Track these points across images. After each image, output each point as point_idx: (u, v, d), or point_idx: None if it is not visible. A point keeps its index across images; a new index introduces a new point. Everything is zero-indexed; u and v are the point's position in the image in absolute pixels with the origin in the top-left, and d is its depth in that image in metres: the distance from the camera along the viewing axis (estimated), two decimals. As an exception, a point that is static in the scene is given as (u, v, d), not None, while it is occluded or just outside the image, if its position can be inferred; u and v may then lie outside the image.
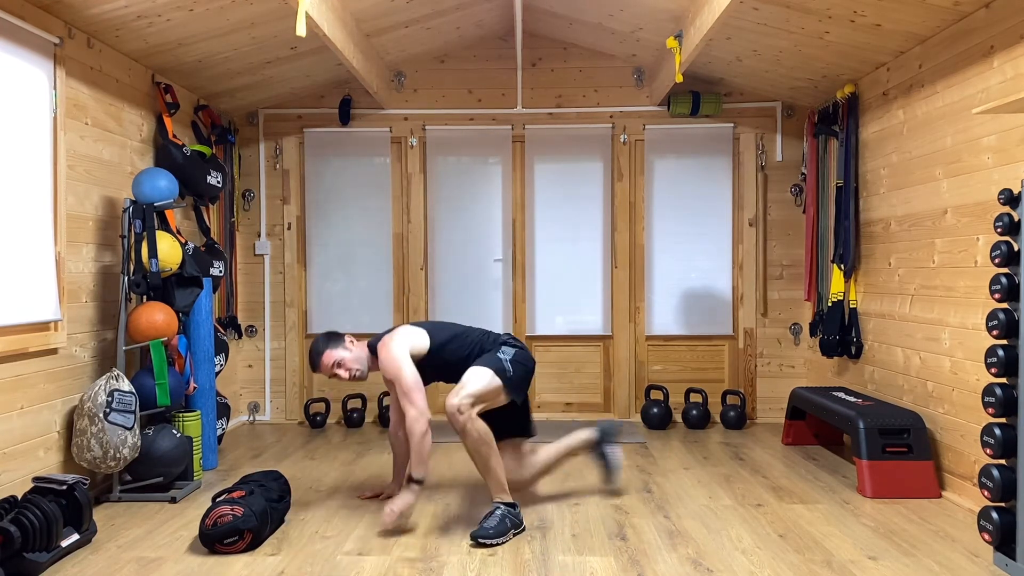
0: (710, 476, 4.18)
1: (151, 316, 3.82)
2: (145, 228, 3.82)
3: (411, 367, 3.30)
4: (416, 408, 3.22)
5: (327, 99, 5.75)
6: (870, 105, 4.65)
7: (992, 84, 3.42)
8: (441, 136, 5.76)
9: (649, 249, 5.73)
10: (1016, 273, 2.82)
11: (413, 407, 3.22)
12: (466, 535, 3.24)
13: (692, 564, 2.93)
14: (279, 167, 5.77)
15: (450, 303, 5.76)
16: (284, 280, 5.77)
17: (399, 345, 3.37)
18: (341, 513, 3.57)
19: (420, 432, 3.19)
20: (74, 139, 3.70)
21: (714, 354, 5.74)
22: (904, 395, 4.19)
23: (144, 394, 3.77)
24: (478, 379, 3.29)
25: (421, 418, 3.20)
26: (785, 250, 5.67)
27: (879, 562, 2.94)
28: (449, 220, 5.78)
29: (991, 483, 2.82)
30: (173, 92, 4.58)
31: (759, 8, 3.94)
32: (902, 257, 4.25)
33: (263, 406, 5.79)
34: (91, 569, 2.91)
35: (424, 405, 3.24)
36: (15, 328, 3.27)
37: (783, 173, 5.67)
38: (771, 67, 4.90)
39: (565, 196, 5.76)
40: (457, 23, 5.24)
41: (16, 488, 3.27)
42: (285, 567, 2.92)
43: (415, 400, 3.23)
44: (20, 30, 3.29)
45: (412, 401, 3.23)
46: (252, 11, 3.93)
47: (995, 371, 2.84)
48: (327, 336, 3.53)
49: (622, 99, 5.74)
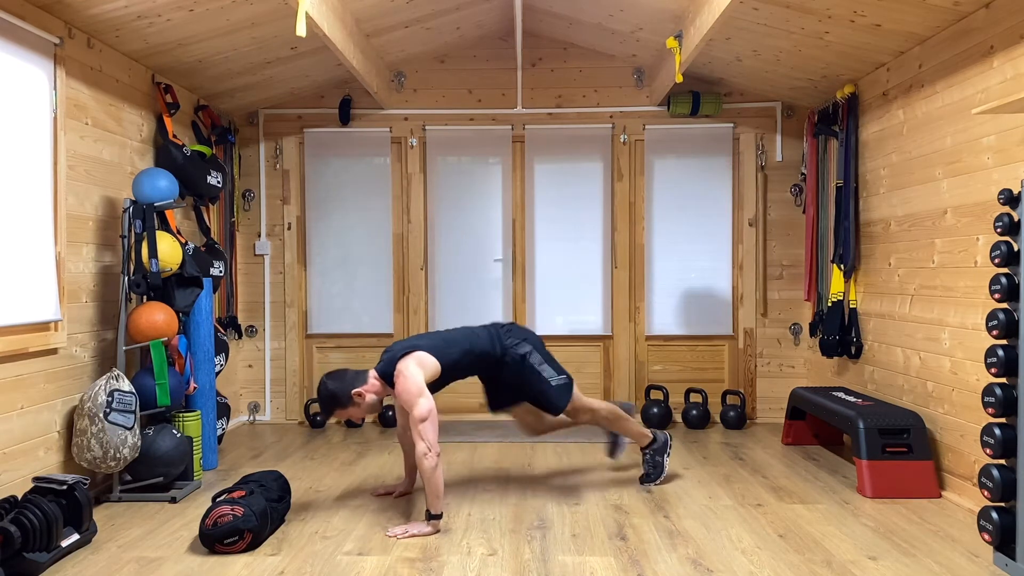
0: (710, 476, 4.18)
1: (151, 316, 3.82)
2: (145, 228, 3.82)
3: (427, 399, 3.25)
4: (426, 442, 3.18)
5: (327, 99, 5.75)
6: (870, 105, 4.65)
7: (992, 84, 3.42)
8: (441, 136, 5.76)
9: (649, 249, 5.73)
10: (1016, 273, 2.82)
11: (423, 441, 3.19)
12: (465, 535, 3.25)
13: (692, 564, 2.93)
14: (279, 167, 5.77)
15: (450, 303, 5.77)
16: (284, 280, 5.77)
17: (416, 374, 3.31)
18: (341, 513, 3.57)
19: (430, 468, 3.18)
20: (74, 139, 3.70)
21: (714, 354, 5.74)
22: (904, 395, 4.20)
23: (144, 394, 3.77)
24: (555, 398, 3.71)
25: (431, 454, 3.18)
26: (785, 250, 5.68)
27: (879, 562, 2.94)
28: (449, 220, 5.78)
29: (991, 483, 2.82)
30: (173, 92, 4.58)
31: (759, 8, 3.94)
32: (902, 257, 4.25)
33: (263, 406, 5.79)
34: (91, 569, 2.91)
35: (434, 438, 3.20)
36: (15, 328, 3.27)
37: (783, 173, 5.67)
38: (771, 67, 4.90)
39: (565, 196, 5.76)
40: (457, 23, 5.24)
41: (16, 488, 3.27)
42: (285, 567, 2.92)
43: (425, 434, 3.19)
44: (20, 30, 3.29)
45: (422, 435, 3.19)
46: (252, 11, 3.93)
47: (995, 371, 2.84)
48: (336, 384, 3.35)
49: (622, 99, 5.74)
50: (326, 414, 3.41)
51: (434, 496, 3.23)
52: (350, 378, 3.39)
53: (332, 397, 3.35)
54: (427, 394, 3.26)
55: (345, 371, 3.43)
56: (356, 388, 3.36)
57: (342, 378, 3.38)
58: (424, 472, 3.20)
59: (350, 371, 3.43)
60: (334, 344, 5.80)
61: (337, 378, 3.38)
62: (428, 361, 3.40)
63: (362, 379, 3.41)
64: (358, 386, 3.37)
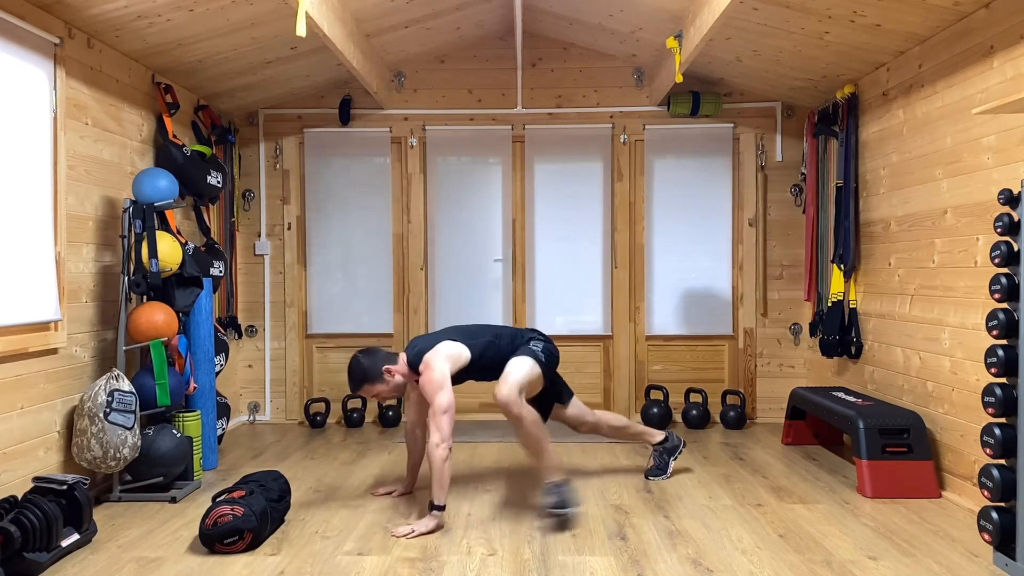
0: (710, 476, 4.18)
1: (151, 316, 3.82)
2: (145, 228, 3.82)
3: (449, 393, 3.33)
4: (441, 433, 3.25)
5: (327, 99, 5.75)
6: (870, 105, 4.65)
7: (992, 84, 3.42)
8: (441, 136, 5.76)
9: (649, 249, 5.73)
10: (1016, 273, 2.82)
11: (438, 432, 3.25)
12: (465, 535, 3.25)
13: (692, 564, 2.93)
14: (279, 167, 5.77)
15: (450, 303, 5.77)
16: (284, 280, 5.77)
17: (442, 367, 3.40)
18: (341, 513, 3.57)
19: (441, 458, 3.24)
20: (74, 139, 3.70)
21: (714, 354, 5.74)
22: (904, 395, 4.20)
23: (144, 394, 3.77)
24: (519, 368, 3.49)
25: (444, 444, 3.24)
26: (785, 250, 5.68)
27: (879, 562, 2.94)
28: (449, 220, 5.78)
29: (991, 483, 2.82)
30: (173, 92, 4.58)
31: (759, 8, 3.94)
32: (902, 257, 4.25)
33: (263, 406, 5.79)
34: (91, 569, 2.91)
35: (449, 431, 3.27)
36: (15, 328, 3.27)
37: (783, 173, 5.67)
38: (771, 67, 4.90)
39: (565, 196, 5.76)
40: (457, 23, 5.24)
41: (16, 488, 3.27)
42: (285, 567, 2.92)
43: (442, 425, 3.26)
44: (20, 30, 3.29)
45: (439, 426, 3.26)
46: (252, 11, 3.93)
47: (995, 371, 2.84)
48: (369, 360, 3.49)
49: (622, 99, 5.74)
50: (355, 387, 3.52)
51: (440, 487, 3.27)
52: (382, 356, 3.54)
53: (365, 371, 3.48)
54: (449, 387, 3.35)
55: (378, 349, 3.58)
56: (387, 365, 3.50)
57: (375, 355, 3.53)
58: (434, 461, 3.25)
59: (382, 350, 3.58)
60: (334, 344, 5.80)
61: (371, 355, 3.53)
62: (455, 351, 3.50)
63: (393, 359, 3.55)
64: (390, 363, 3.52)
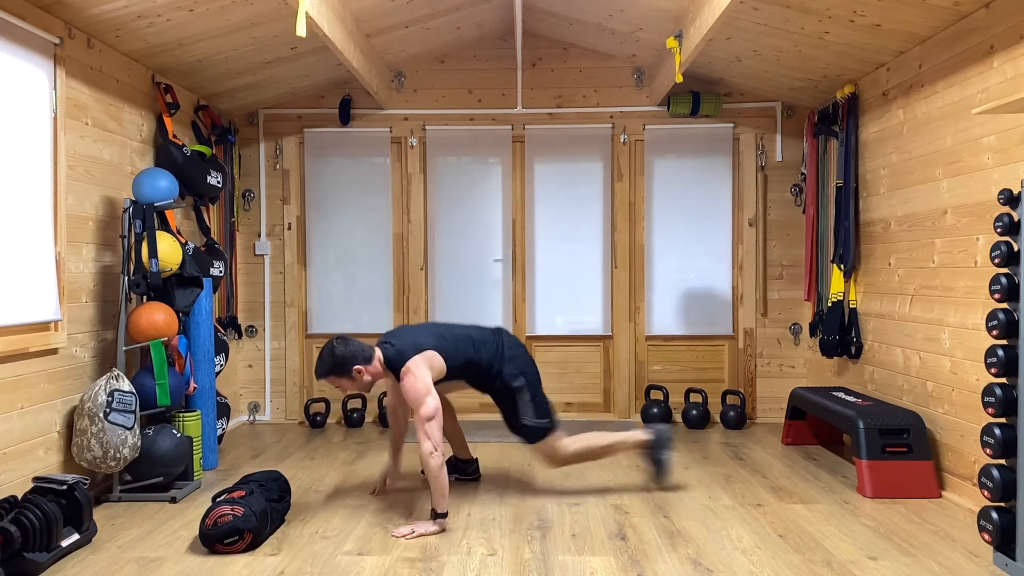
0: (710, 476, 4.18)
1: (151, 316, 3.82)
2: (145, 228, 3.82)
3: (434, 398, 3.29)
4: (431, 441, 3.22)
5: (327, 99, 5.75)
6: (870, 105, 4.65)
7: (992, 84, 3.42)
8: (441, 136, 5.76)
9: (649, 249, 5.73)
10: (1016, 273, 2.82)
11: (428, 440, 3.22)
12: (465, 535, 3.25)
13: (692, 564, 2.93)
14: (279, 167, 5.77)
15: (450, 303, 5.77)
16: (284, 280, 5.77)
17: (424, 376, 3.34)
18: (341, 513, 3.57)
19: (436, 467, 3.23)
20: (74, 139, 3.70)
21: (714, 354, 5.74)
22: (904, 395, 4.20)
23: (144, 394, 3.77)
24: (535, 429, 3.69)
25: (436, 453, 3.22)
26: (785, 250, 5.68)
27: (879, 562, 2.94)
28: (449, 220, 5.78)
29: (991, 483, 2.82)
30: (173, 92, 4.58)
31: (759, 8, 3.94)
32: (902, 257, 4.25)
33: (263, 406, 5.79)
34: (91, 569, 2.91)
35: (439, 437, 3.24)
36: (15, 328, 3.27)
37: (783, 173, 5.67)
38: (771, 67, 4.90)
39: (565, 196, 5.76)
40: (457, 23, 5.24)
41: (16, 488, 3.27)
42: (285, 567, 2.92)
43: (431, 433, 3.22)
44: (20, 30, 3.29)
45: (428, 434, 3.22)
46: (252, 11, 3.93)
47: (995, 371, 2.84)
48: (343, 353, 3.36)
49: (622, 99, 5.74)
50: (321, 375, 3.41)
51: (440, 495, 3.26)
52: (358, 352, 3.38)
53: (336, 362, 3.36)
54: (434, 393, 3.31)
55: (354, 341, 3.43)
56: (359, 364, 3.38)
57: (350, 348, 3.38)
58: (430, 471, 3.23)
59: (359, 343, 3.42)
60: (334, 344, 5.79)
61: (347, 346, 3.38)
62: (437, 362, 3.47)
63: (368, 357, 3.40)
64: (362, 363, 3.39)
